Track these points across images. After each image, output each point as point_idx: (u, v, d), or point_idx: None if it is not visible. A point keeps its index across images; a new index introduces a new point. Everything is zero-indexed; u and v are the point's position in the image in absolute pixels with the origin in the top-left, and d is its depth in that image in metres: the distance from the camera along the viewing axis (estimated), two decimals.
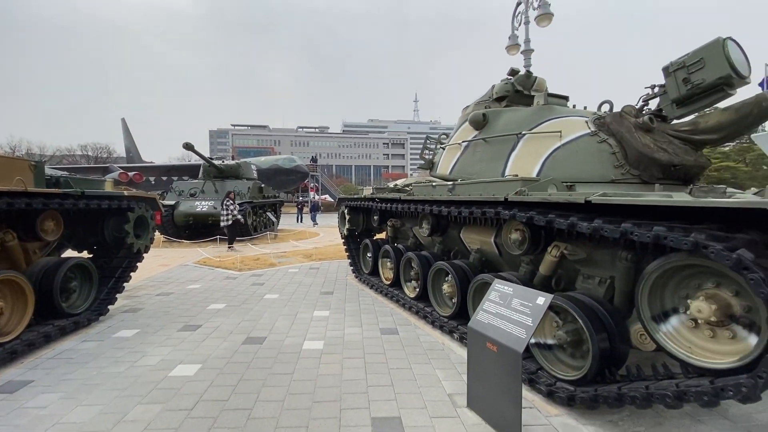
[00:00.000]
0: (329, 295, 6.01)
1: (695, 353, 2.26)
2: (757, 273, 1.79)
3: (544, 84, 4.94)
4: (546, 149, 4.06)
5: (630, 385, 2.50)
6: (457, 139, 5.19)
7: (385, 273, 6.31)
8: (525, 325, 2.43)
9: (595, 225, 2.61)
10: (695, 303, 2.20)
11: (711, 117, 3.49)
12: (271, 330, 4.39)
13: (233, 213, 11.57)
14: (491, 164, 4.52)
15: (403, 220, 6.31)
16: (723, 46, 3.28)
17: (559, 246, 3.33)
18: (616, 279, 2.96)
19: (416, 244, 6.11)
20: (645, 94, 4.02)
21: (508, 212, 3.36)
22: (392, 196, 5.68)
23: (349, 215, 7.40)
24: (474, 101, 5.28)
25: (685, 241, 2.06)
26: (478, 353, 2.67)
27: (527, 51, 9.41)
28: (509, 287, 2.75)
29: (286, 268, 8.30)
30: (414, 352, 3.81)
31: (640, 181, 3.70)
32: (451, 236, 5.07)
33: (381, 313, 5.07)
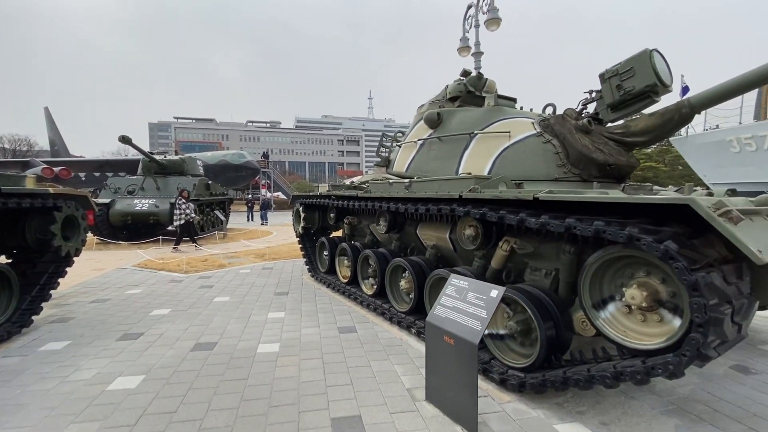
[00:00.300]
0: (284, 295, 5.85)
1: (629, 336, 2.48)
2: (681, 262, 1.99)
3: (494, 86, 5.16)
4: (496, 148, 4.24)
5: (574, 369, 2.69)
6: (412, 137, 5.26)
7: (342, 271, 6.25)
8: (480, 317, 2.53)
9: (542, 220, 2.77)
10: (629, 291, 2.41)
11: (640, 121, 3.84)
12: (223, 334, 4.19)
13: (186, 212, 10.94)
14: (446, 162, 4.63)
15: (360, 217, 6.29)
16: (650, 57, 3.61)
17: (509, 241, 3.50)
18: (561, 270, 3.17)
19: (373, 241, 6.12)
20: (584, 99, 4.33)
21: (462, 209, 3.47)
22: (349, 194, 5.64)
23: (304, 213, 7.24)
24: (429, 100, 5.38)
25: (621, 234, 2.24)
26: (436, 347, 2.74)
27: (477, 53, 9.77)
28: (465, 281, 2.83)
29: (237, 269, 7.95)
30: (372, 349, 3.82)
31: (580, 179, 3.98)
32: (407, 233, 5.14)
33: (338, 312, 5.03)
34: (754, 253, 1.79)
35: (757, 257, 1.79)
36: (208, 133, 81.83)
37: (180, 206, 10.90)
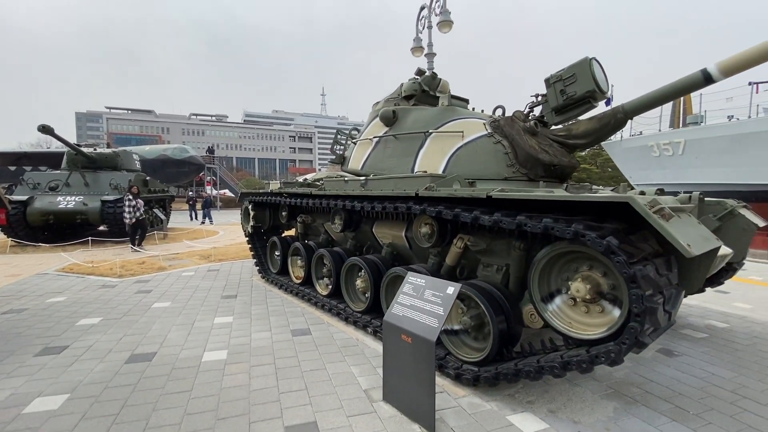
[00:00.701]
0: (232, 298, 5.54)
1: (574, 327, 2.62)
2: (621, 256, 2.13)
3: (448, 86, 5.25)
4: (450, 148, 4.31)
5: (524, 360, 2.80)
6: (368, 134, 5.20)
7: (295, 271, 6.05)
8: (437, 314, 2.54)
9: (495, 218, 2.84)
10: (574, 284, 2.54)
11: (581, 125, 4.10)
12: (163, 343, 3.86)
13: (140, 210, 10.21)
14: (401, 160, 4.63)
15: (314, 215, 6.13)
16: (589, 65, 3.86)
17: (463, 238, 3.57)
18: (511, 266, 3.29)
19: (328, 240, 5.99)
20: (530, 102, 4.53)
21: (418, 207, 3.48)
22: (303, 191, 5.46)
23: (254, 211, 6.91)
24: (384, 98, 5.35)
25: (568, 230, 2.36)
26: (394, 346, 2.71)
27: (430, 54, 9.94)
28: (422, 279, 2.84)
29: (180, 271, 7.41)
30: (328, 351, 3.72)
31: (527, 178, 4.16)
32: (363, 231, 5.08)
33: (292, 314, 4.85)
34: (684, 247, 1.95)
35: (687, 251, 1.96)
36: (147, 126, 75.77)
37: (129, 203, 10.10)
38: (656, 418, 2.65)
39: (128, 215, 10.04)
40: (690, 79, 3.31)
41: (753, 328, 4.48)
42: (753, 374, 3.31)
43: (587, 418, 2.64)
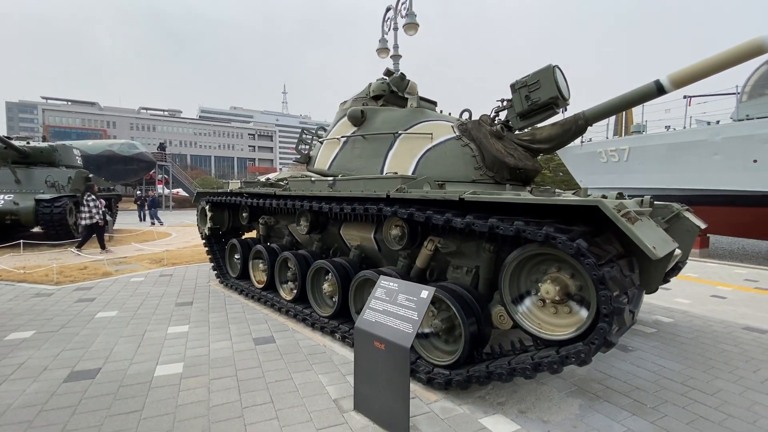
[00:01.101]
0: (188, 306, 5.18)
1: (543, 328, 2.66)
2: (591, 258, 2.18)
3: (416, 87, 5.24)
4: (419, 149, 4.29)
5: (495, 362, 2.81)
6: (335, 133, 5.07)
7: (257, 276, 5.78)
8: (411, 319, 2.48)
9: (468, 220, 2.84)
10: (544, 286, 2.58)
11: (544, 130, 4.23)
12: (108, 358, 3.50)
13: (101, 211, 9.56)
14: (370, 161, 4.55)
15: (278, 217, 5.89)
16: (553, 72, 3.99)
17: (433, 240, 3.55)
18: (481, 268, 3.31)
19: (292, 242, 5.78)
20: (496, 106, 4.62)
21: (389, 209, 3.41)
22: (266, 191, 5.22)
23: (211, 212, 6.53)
24: (352, 97, 5.24)
25: (539, 233, 2.39)
26: (366, 353, 2.62)
27: (396, 56, 9.94)
28: (394, 283, 2.77)
29: (127, 277, 6.85)
30: (294, 359, 3.55)
31: (494, 181, 4.24)
32: (330, 233, 4.94)
33: (254, 321, 4.61)
34: (651, 249, 2.03)
35: (653, 253, 2.04)
36: (90, 119, 70.11)
37: (88, 203, 9.38)
38: (618, 413, 2.75)
39: (87, 216, 9.36)
40: (644, 89, 3.50)
41: (694, 322, 4.85)
42: (699, 366, 3.55)
43: (555, 417, 2.70)
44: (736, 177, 12.26)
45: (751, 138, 11.75)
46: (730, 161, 12.35)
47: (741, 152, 12.01)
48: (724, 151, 12.56)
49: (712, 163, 12.98)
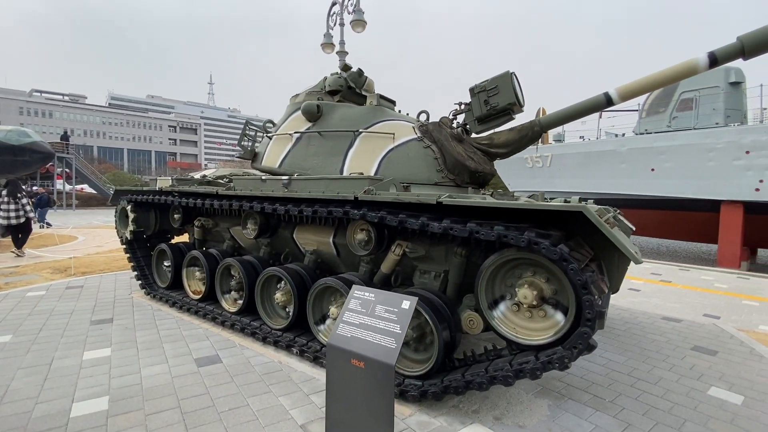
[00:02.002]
0: (107, 323, 4.40)
1: (519, 333, 2.65)
2: (574, 263, 2.19)
3: (373, 85, 5.06)
4: (381, 149, 4.12)
5: (471, 370, 2.74)
6: (287, 129, 4.68)
7: (192, 285, 5.13)
8: (393, 332, 2.29)
9: (445, 225, 2.73)
10: (521, 290, 2.56)
11: (502, 135, 4.32)
12: (3, 399, 2.78)
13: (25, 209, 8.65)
14: (328, 160, 4.26)
15: (217, 219, 5.29)
16: (511, 78, 4.09)
17: (401, 244, 3.40)
18: (450, 272, 3.24)
19: (234, 247, 5.24)
20: (454, 109, 4.62)
21: (357, 212, 3.18)
22: (206, 191, 4.64)
23: (135, 213, 5.67)
24: (305, 90, 4.89)
25: (522, 238, 2.35)
26: (341, 373, 2.37)
27: (342, 52, 9.66)
28: (370, 293, 2.55)
29: (23, 291, 5.68)
30: (247, 381, 3.15)
31: (455, 184, 4.22)
32: (281, 238, 4.54)
33: (193, 338, 4.05)
34: (633, 254, 2.09)
35: (636, 258, 2.10)
36: None
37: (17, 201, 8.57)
38: (583, 410, 2.85)
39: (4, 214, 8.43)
40: (595, 100, 3.72)
41: (622, 314, 5.34)
42: (638, 357, 3.87)
43: (529, 421, 2.70)
44: (638, 183, 14.04)
45: (650, 149, 13.54)
46: (633, 170, 14.10)
47: (642, 162, 13.78)
48: (628, 161, 14.31)
49: (619, 171, 14.71)
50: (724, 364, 3.75)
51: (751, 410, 2.91)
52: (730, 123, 12.42)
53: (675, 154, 12.92)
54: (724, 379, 3.42)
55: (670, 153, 13.03)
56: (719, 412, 2.87)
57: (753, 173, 11.20)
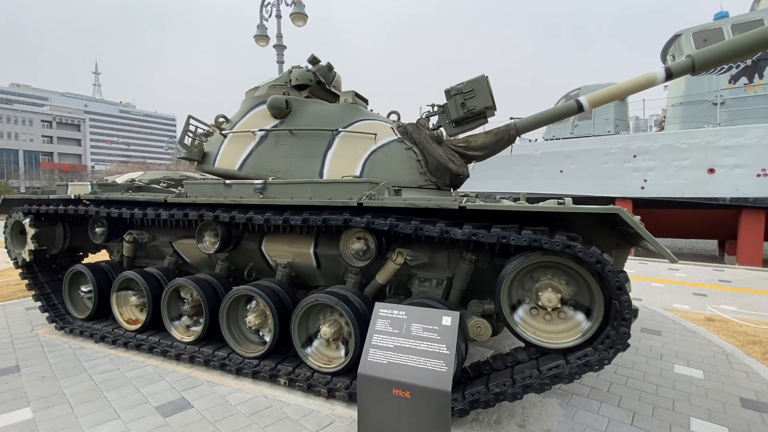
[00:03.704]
0: (12, 373, 3.36)
1: (540, 336, 2.61)
2: (610, 265, 2.22)
3: (341, 81, 4.72)
4: (364, 150, 3.83)
5: (495, 380, 2.64)
6: (247, 126, 4.10)
7: (126, 313, 4.22)
8: (440, 354, 2.07)
9: (468, 231, 2.58)
10: (545, 294, 2.53)
11: (478, 138, 4.34)
12: None
13: None
14: (303, 161, 3.83)
15: (155, 232, 4.43)
16: (487, 82, 4.13)
17: (402, 252, 3.18)
18: (456, 279, 3.11)
19: (178, 264, 4.46)
20: (427, 111, 4.54)
21: (360, 219, 2.87)
22: (148, 198, 3.84)
23: (35, 228, 4.48)
24: (265, 83, 4.34)
25: (557, 243, 2.31)
26: (379, 406, 2.07)
27: (279, 46, 8.98)
28: (400, 311, 2.30)
29: None
30: (236, 426, 2.63)
31: (436, 187, 4.13)
32: (245, 250, 3.96)
33: (143, 381, 3.29)
34: (671, 255, 2.18)
35: (673, 258, 2.19)
36: None
37: None
38: (591, 404, 2.95)
39: None
40: (568, 106, 3.94)
41: None
42: None
43: (551, 423, 2.70)
44: (549, 184, 15.70)
45: (558, 153, 15.24)
46: (546, 171, 15.73)
47: (552, 164, 15.45)
48: (541, 164, 15.92)
49: (534, 173, 16.28)
50: (672, 342, 4.26)
51: (714, 383, 3.31)
52: (620, 131, 14.60)
53: (579, 157, 14.73)
54: (679, 356, 3.87)
55: (575, 157, 14.82)
56: (693, 388, 3.21)
57: (639, 174, 13.29)
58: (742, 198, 11.45)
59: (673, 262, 2.30)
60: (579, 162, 14.74)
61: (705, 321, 5.06)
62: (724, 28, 12.18)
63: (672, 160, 12.61)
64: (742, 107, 11.83)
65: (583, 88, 15.89)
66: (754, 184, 11.23)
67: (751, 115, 11.57)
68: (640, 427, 2.66)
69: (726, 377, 3.43)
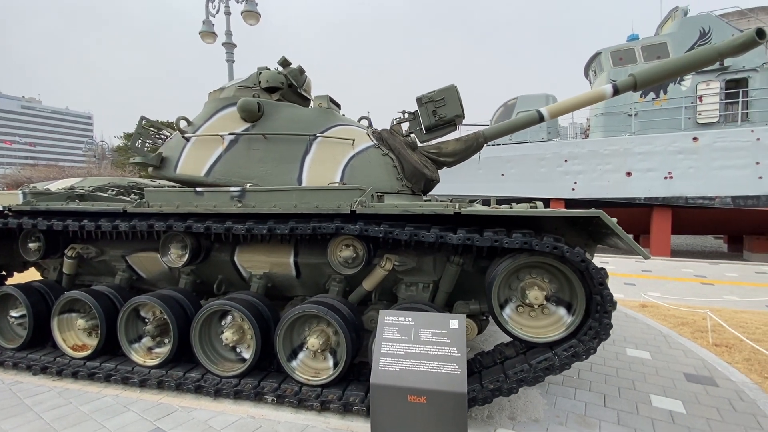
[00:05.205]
0: None
1: (529, 332, 2.78)
2: (591, 263, 2.44)
3: (311, 85, 4.61)
4: (343, 157, 3.79)
5: (488, 377, 2.76)
6: (214, 129, 3.84)
7: (70, 339, 3.72)
8: (452, 356, 2.13)
9: (462, 235, 2.68)
10: (532, 292, 2.71)
11: (449, 144, 4.50)
12: None
13: None
14: (280, 167, 3.68)
15: (105, 245, 3.97)
16: (456, 91, 4.31)
17: (390, 258, 3.19)
18: (443, 281, 3.21)
19: (131, 280, 4.04)
20: (398, 117, 4.61)
21: (353, 226, 2.83)
22: (101, 209, 3.43)
23: None
24: (232, 84, 4.10)
25: (547, 244, 2.49)
26: (394, 414, 2.07)
27: (229, 44, 8.49)
28: (406, 317, 2.31)
29: None
30: None
31: (412, 192, 4.21)
32: (214, 263, 3.70)
33: (105, 414, 2.92)
34: (645, 252, 2.45)
35: (645, 254, 2.46)
36: None
37: None
38: (567, 392, 3.20)
39: None
40: (530, 117, 4.24)
41: None
42: None
43: (537, 413, 2.89)
44: (492, 186, 16.69)
45: (500, 158, 16.26)
46: (488, 175, 16.69)
47: (494, 168, 16.44)
48: (484, 167, 16.86)
49: (478, 176, 17.18)
50: (618, 328, 4.75)
51: (661, 362, 3.78)
52: (551, 138, 15.99)
53: (518, 162, 15.86)
54: (628, 340, 4.35)
55: (515, 161, 15.93)
56: (646, 369, 3.63)
57: (570, 177, 14.65)
58: (653, 198, 13.16)
59: (645, 258, 2.60)
60: (518, 166, 15.87)
61: (640, 307, 5.73)
62: (635, 49, 13.94)
63: (597, 165, 14.11)
64: (651, 119, 13.59)
65: (519, 98, 17.23)
66: (663, 185, 12.97)
67: (659, 125, 13.34)
68: (613, 407, 2.96)
69: (668, 356, 3.92)
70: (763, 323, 4.95)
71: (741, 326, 4.69)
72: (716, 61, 3.70)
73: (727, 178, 12.11)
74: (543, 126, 16.24)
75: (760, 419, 2.82)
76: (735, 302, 6.26)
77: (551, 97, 16.05)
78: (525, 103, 16.12)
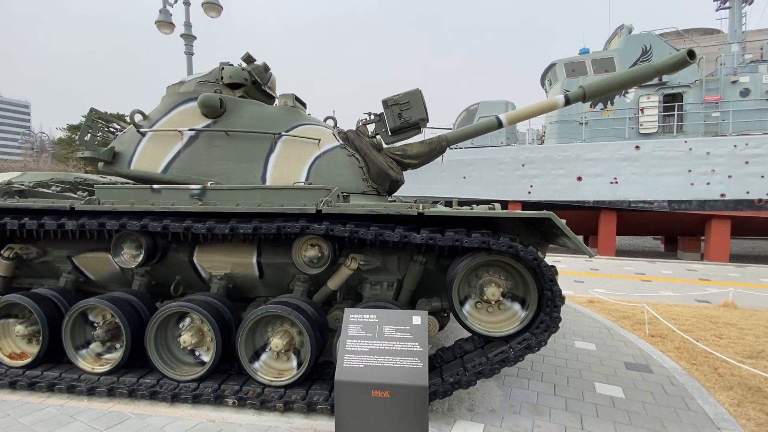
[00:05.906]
0: None
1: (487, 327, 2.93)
2: (543, 261, 2.62)
3: (276, 83, 4.55)
4: (308, 156, 3.78)
5: (448, 371, 2.87)
6: (173, 124, 3.69)
7: (7, 347, 3.43)
8: (413, 351, 2.20)
9: (425, 235, 2.77)
10: (490, 289, 2.85)
11: (413, 147, 4.61)
12: None
13: None
14: (243, 165, 3.61)
15: (47, 245, 3.70)
16: (421, 96, 4.43)
17: (355, 258, 3.24)
18: (407, 280, 3.30)
19: (77, 282, 3.80)
20: (363, 119, 4.66)
21: (319, 226, 2.84)
22: (44, 206, 3.19)
23: None
24: (192, 78, 3.96)
25: (503, 244, 2.64)
26: (358, 410, 2.11)
27: (188, 36, 8.13)
28: (370, 314, 2.36)
29: None
30: None
31: (377, 193, 4.28)
32: (171, 263, 3.56)
33: (49, 425, 2.73)
34: (588, 251, 2.65)
35: (590, 253, 2.66)
36: None
37: None
38: (522, 383, 3.40)
39: None
40: (489, 123, 4.44)
41: None
42: None
43: (494, 404, 3.04)
44: (454, 188, 17.15)
45: (461, 161, 16.75)
46: (451, 177, 17.14)
47: (456, 171, 16.92)
48: (447, 170, 17.28)
49: (441, 178, 17.58)
50: (568, 323, 5.09)
51: (604, 352, 4.09)
52: (510, 143, 16.71)
53: (479, 165, 16.42)
54: (576, 333, 4.67)
55: (476, 165, 16.48)
56: (591, 359, 3.92)
57: (526, 180, 15.38)
58: (600, 201, 14.13)
59: (590, 257, 2.82)
60: (479, 170, 16.43)
61: (587, 303, 6.16)
62: (586, 62, 14.91)
63: (551, 169, 14.92)
64: (600, 127, 14.58)
65: (480, 104, 17.83)
66: (609, 190, 13.97)
67: (607, 134, 14.35)
68: (562, 396, 3.18)
69: (611, 347, 4.26)
70: (692, 315, 5.50)
71: (673, 318, 5.18)
72: (654, 77, 4.08)
73: (664, 184, 13.26)
74: (502, 131, 16.90)
75: (687, 401, 3.15)
76: (669, 297, 6.88)
77: (510, 103, 16.76)
78: (486, 108, 16.72)
